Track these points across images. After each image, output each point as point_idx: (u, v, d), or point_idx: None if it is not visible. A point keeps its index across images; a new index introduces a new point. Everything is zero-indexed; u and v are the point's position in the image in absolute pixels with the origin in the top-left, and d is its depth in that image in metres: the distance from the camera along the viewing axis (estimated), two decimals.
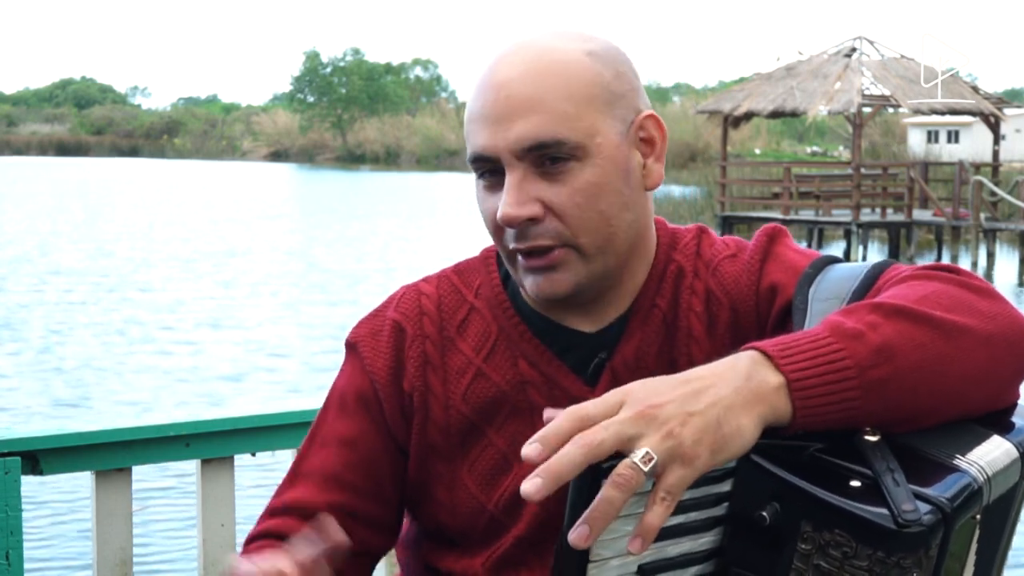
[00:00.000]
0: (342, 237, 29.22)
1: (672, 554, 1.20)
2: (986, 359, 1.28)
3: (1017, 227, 24.86)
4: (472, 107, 1.48)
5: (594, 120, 1.44)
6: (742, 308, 1.52)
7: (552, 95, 1.43)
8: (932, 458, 1.21)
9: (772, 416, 1.19)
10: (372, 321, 1.60)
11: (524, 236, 1.45)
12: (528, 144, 1.42)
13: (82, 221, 32.84)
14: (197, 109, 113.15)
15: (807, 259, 1.51)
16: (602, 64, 1.46)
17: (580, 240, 1.45)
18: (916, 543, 1.13)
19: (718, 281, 1.54)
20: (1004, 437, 1.27)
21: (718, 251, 1.56)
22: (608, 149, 1.45)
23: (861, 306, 1.28)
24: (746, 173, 33.42)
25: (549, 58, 1.45)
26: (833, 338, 1.23)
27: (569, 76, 1.44)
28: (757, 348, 1.23)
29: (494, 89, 1.45)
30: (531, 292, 1.49)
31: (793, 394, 1.20)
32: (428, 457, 1.55)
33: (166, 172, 65.89)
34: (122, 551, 2.58)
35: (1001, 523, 1.28)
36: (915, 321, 1.26)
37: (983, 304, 1.32)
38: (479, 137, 1.46)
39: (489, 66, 1.48)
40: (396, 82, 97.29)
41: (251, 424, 2.67)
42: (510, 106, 1.43)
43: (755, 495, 1.18)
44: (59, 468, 2.48)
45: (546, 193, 1.44)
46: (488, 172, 1.47)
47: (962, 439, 1.25)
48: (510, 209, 1.43)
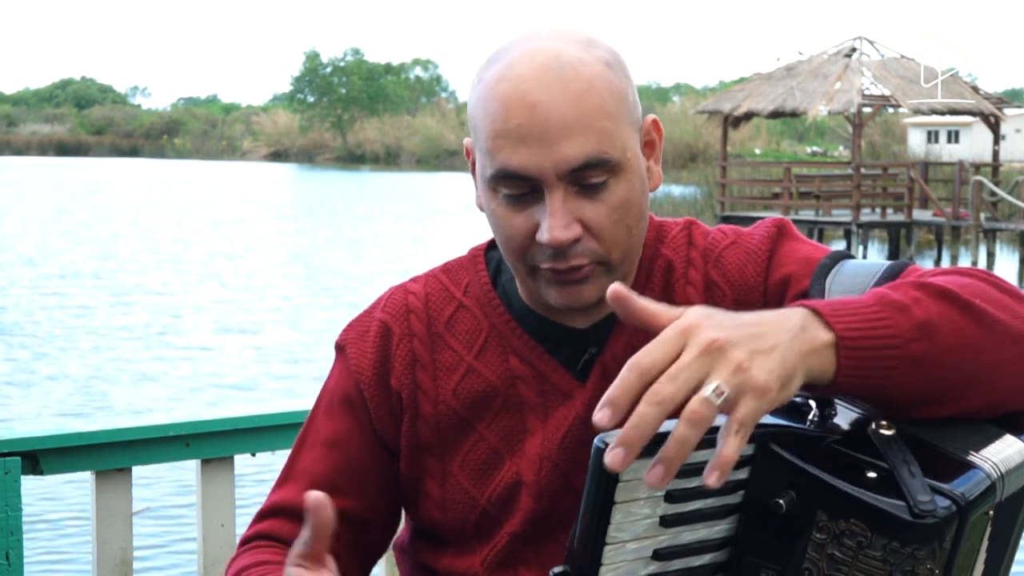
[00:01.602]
0: (342, 237, 29.21)
1: (687, 540, 1.20)
2: (1016, 355, 1.29)
3: (1017, 227, 24.86)
4: (500, 123, 1.42)
5: (626, 135, 1.45)
6: (747, 299, 1.51)
7: (592, 115, 1.41)
8: (947, 453, 1.22)
9: (818, 370, 1.19)
10: (360, 323, 1.61)
11: (563, 256, 1.43)
12: (577, 165, 1.41)
13: (83, 223, 32.81)
14: (197, 109, 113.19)
15: (819, 251, 1.52)
16: (620, 75, 1.46)
17: (611, 256, 1.45)
18: (931, 535, 1.13)
19: (721, 271, 1.54)
20: (1018, 437, 1.28)
21: (716, 240, 1.56)
22: (634, 162, 1.46)
23: (906, 282, 1.29)
24: (746, 173, 33.42)
25: (577, 73, 1.42)
26: (879, 307, 1.23)
27: (602, 93, 1.43)
28: (807, 306, 1.22)
29: (528, 109, 1.40)
30: (559, 302, 1.48)
31: (841, 352, 1.20)
32: (419, 454, 1.56)
33: (166, 172, 65.88)
34: (122, 551, 2.58)
35: (1011, 522, 1.29)
36: (957, 305, 1.27)
37: (1015, 304, 1.33)
38: (515, 156, 1.42)
39: (508, 78, 1.42)
40: (396, 82, 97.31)
41: (251, 424, 2.68)
42: (552, 127, 1.40)
43: (772, 483, 1.18)
44: (59, 468, 2.48)
45: (586, 212, 1.43)
46: (512, 193, 1.44)
47: (976, 437, 1.26)
48: (559, 233, 1.41)
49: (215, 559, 2.66)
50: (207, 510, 2.65)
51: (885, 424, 1.22)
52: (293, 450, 1.62)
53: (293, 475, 1.60)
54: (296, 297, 19.15)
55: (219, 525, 2.67)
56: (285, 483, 1.60)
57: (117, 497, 2.56)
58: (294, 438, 1.64)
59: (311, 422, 1.62)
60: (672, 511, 1.19)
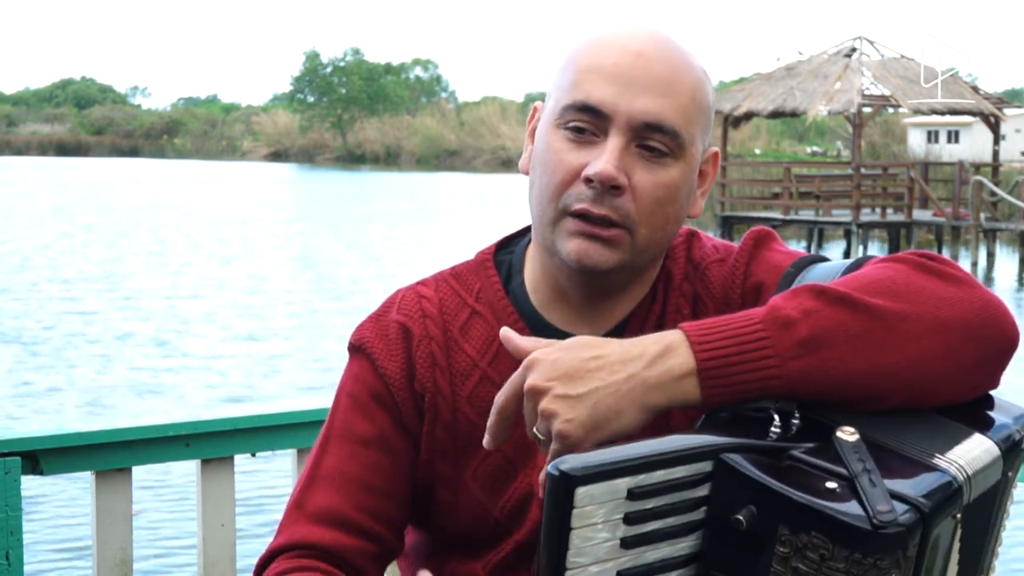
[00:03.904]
0: (343, 237, 29.20)
1: (651, 559, 1.20)
2: (936, 345, 1.27)
3: (1017, 227, 24.86)
4: (597, 60, 1.46)
5: (698, 130, 1.49)
6: (727, 311, 1.51)
7: (685, 88, 1.46)
8: (911, 457, 1.21)
9: (682, 397, 1.25)
10: (376, 323, 1.59)
11: (600, 201, 1.44)
12: (651, 120, 1.44)
13: (84, 224, 32.80)
14: (197, 109, 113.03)
15: (790, 258, 1.53)
16: (710, 89, 1.52)
17: (641, 229, 1.46)
18: (893, 544, 1.12)
19: (705, 285, 1.56)
20: (985, 435, 1.27)
21: (707, 255, 1.58)
22: (693, 161, 1.49)
23: (806, 289, 1.30)
24: (746, 173, 33.40)
25: (683, 54, 1.49)
26: (763, 324, 1.26)
27: (696, 80, 1.48)
28: (684, 329, 1.28)
29: (631, 53, 1.45)
30: (573, 256, 1.47)
31: (701, 379, 1.24)
32: (435, 459, 1.55)
33: (166, 172, 65.86)
34: (122, 551, 2.58)
35: (985, 522, 1.28)
36: (855, 309, 1.27)
37: (945, 291, 1.31)
38: (598, 89, 1.44)
39: (618, 33, 1.48)
40: (396, 82, 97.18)
41: (251, 424, 2.67)
42: (647, 76, 1.44)
43: (732, 499, 1.18)
44: (59, 468, 2.48)
45: (637, 174, 1.45)
46: (580, 125, 1.46)
47: (942, 437, 1.25)
48: (610, 168, 1.43)
49: (215, 559, 2.66)
50: (207, 510, 2.65)
51: (849, 430, 1.21)
52: (316, 451, 1.57)
53: (321, 476, 1.54)
54: (296, 297, 19.14)
55: (219, 525, 2.66)
56: (314, 486, 1.54)
57: (117, 497, 2.56)
58: (294, 438, 1.63)
59: (334, 422, 1.57)
60: (631, 532, 1.18)
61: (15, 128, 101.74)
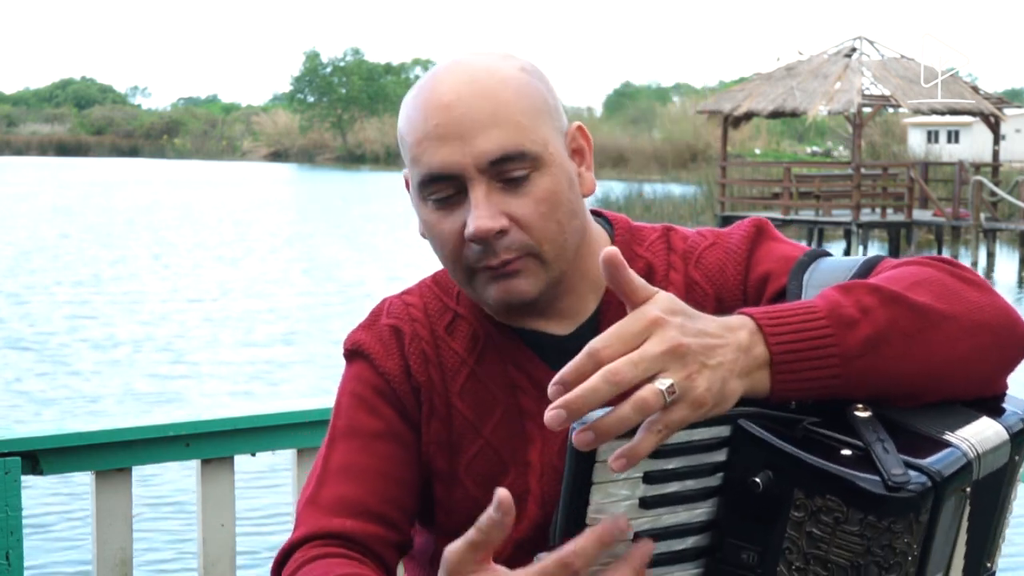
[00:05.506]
0: (343, 238, 29.22)
1: (668, 523, 1.21)
2: (970, 348, 1.30)
3: (1017, 227, 24.87)
4: (420, 129, 1.48)
5: (544, 131, 1.49)
6: (728, 297, 1.54)
7: (506, 109, 1.46)
8: (923, 433, 1.24)
9: (751, 390, 1.22)
10: (369, 329, 1.61)
11: (492, 251, 1.46)
12: (495, 157, 1.45)
13: (85, 224, 32.81)
14: (197, 109, 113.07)
15: (797, 249, 1.55)
16: (536, 79, 1.51)
17: (543, 248, 1.48)
18: (906, 508, 1.15)
19: (702, 271, 1.56)
20: (994, 419, 1.30)
21: (696, 243, 1.59)
22: (558, 158, 1.49)
23: (860, 285, 1.30)
24: (746, 173, 33.42)
25: (490, 75, 1.48)
26: (827, 320, 1.25)
27: (516, 90, 1.48)
28: (754, 317, 1.24)
29: (445, 108, 1.46)
30: (494, 301, 1.50)
31: (774, 373, 1.23)
32: (431, 453, 1.57)
33: (166, 172, 65.87)
34: (122, 551, 2.58)
35: (992, 502, 1.30)
36: (908, 309, 1.28)
37: (973, 294, 1.34)
38: (436, 156, 1.46)
39: (426, 88, 1.49)
40: (396, 82, 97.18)
41: (251, 424, 2.67)
42: (468, 122, 1.45)
43: (749, 464, 1.20)
44: (59, 468, 2.48)
45: (511, 205, 1.46)
46: (440, 196, 1.48)
47: (953, 418, 1.28)
48: (483, 222, 1.44)
49: (215, 559, 2.67)
50: (207, 510, 2.65)
51: (861, 407, 1.24)
52: (323, 452, 1.57)
53: (332, 471, 1.54)
54: (296, 297, 19.15)
55: (219, 525, 2.67)
56: (326, 481, 1.54)
57: (117, 497, 2.56)
58: (294, 438, 1.63)
59: (338, 423, 1.58)
60: (651, 492, 1.20)
61: (15, 128, 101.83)
